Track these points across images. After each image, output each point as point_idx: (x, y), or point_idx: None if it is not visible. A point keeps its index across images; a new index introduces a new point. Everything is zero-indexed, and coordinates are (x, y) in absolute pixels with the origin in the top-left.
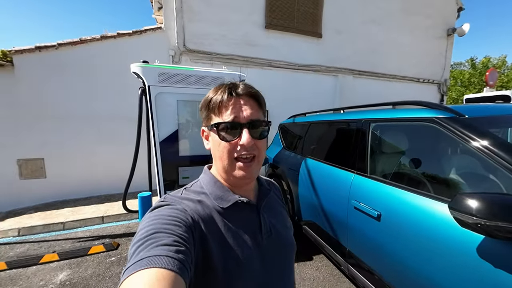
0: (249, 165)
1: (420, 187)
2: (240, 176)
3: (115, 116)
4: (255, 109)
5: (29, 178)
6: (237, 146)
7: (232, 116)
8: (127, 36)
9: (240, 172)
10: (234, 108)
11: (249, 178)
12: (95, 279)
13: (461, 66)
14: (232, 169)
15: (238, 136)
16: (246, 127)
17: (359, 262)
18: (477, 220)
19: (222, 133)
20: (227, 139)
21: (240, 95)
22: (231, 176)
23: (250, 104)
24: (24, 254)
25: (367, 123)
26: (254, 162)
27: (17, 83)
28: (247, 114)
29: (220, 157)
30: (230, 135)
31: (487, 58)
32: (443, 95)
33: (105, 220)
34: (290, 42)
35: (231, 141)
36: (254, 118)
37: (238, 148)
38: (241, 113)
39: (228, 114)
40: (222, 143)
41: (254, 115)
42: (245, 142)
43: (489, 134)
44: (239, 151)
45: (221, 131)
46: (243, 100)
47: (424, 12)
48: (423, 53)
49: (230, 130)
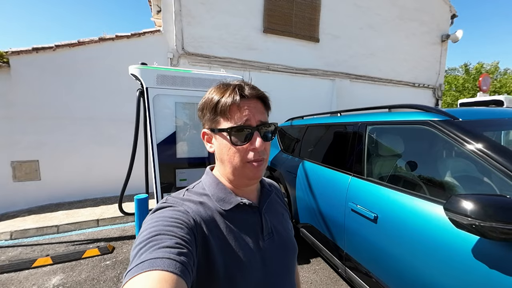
0: (260, 165)
1: (416, 189)
2: (252, 177)
3: (111, 118)
4: (263, 111)
5: (23, 180)
6: (249, 150)
7: (244, 120)
8: (125, 39)
9: (251, 174)
10: (245, 112)
11: (258, 178)
12: (89, 283)
13: (455, 71)
14: (243, 171)
15: (249, 140)
16: (257, 130)
17: (356, 265)
18: (472, 221)
19: (233, 137)
20: (238, 143)
21: (248, 98)
22: (241, 178)
23: (258, 106)
24: (16, 258)
25: (364, 126)
26: (264, 163)
27: (13, 84)
28: (257, 117)
29: (230, 161)
30: (241, 139)
31: (480, 64)
32: (438, 99)
33: (100, 223)
34: (288, 46)
35: (242, 145)
36: (264, 120)
37: (250, 151)
38: (252, 116)
39: (239, 118)
40: (232, 147)
41: (263, 118)
42: (257, 146)
43: (483, 137)
44: (251, 154)
45: (233, 136)
46: (252, 102)
47: (419, 19)
48: (418, 59)
49: (241, 134)
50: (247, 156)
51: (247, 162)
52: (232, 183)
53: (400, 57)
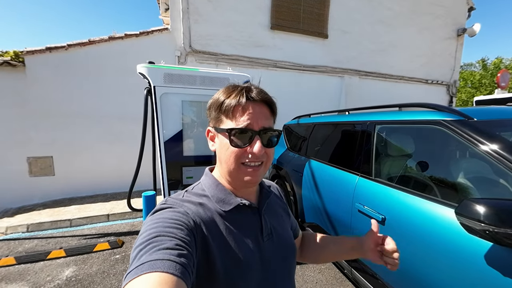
0: (256, 169)
1: (426, 191)
2: (247, 181)
3: (121, 116)
4: (268, 117)
5: (39, 175)
6: (247, 153)
7: (246, 123)
8: (134, 37)
9: (247, 177)
10: (248, 114)
11: (255, 183)
12: (100, 276)
13: (471, 67)
14: (238, 173)
15: (249, 144)
16: (258, 135)
17: (362, 266)
18: (485, 226)
19: (233, 138)
20: (237, 145)
21: (255, 101)
22: (237, 180)
23: (264, 111)
24: (32, 250)
25: (373, 125)
26: (262, 167)
27: (28, 83)
28: (261, 122)
29: (227, 161)
30: (241, 141)
31: (499, 59)
32: (452, 96)
33: (110, 218)
34: (295, 42)
35: (241, 148)
36: (267, 126)
37: (248, 155)
38: (255, 120)
39: (242, 119)
40: (231, 148)
41: (267, 123)
42: (256, 151)
43: (499, 138)
44: (248, 158)
45: (232, 136)
46: (258, 106)
47: (434, 12)
48: (431, 54)
49: (242, 136)
50: (244, 159)
51: (243, 165)
52: (231, 184)
53: (413, 53)
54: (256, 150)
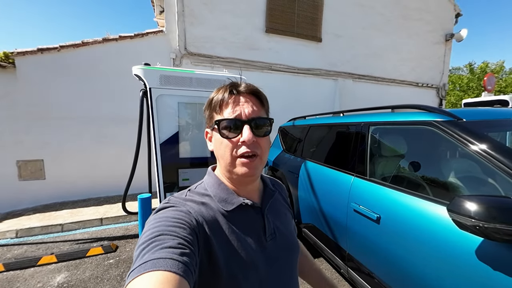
0: (251, 161)
1: (419, 189)
2: (243, 173)
3: (115, 118)
4: (257, 107)
5: (28, 179)
6: (239, 143)
7: (233, 114)
8: (128, 39)
9: (243, 169)
10: (235, 106)
11: (252, 176)
12: (93, 282)
13: (459, 71)
14: (234, 166)
15: (240, 134)
16: (247, 124)
17: (358, 265)
18: (476, 222)
19: (223, 131)
20: (228, 137)
21: (241, 93)
22: (234, 174)
23: (252, 101)
24: (22, 256)
25: (367, 126)
26: (257, 159)
27: (18, 84)
28: (248, 111)
29: (222, 156)
30: (231, 132)
31: (485, 63)
32: (442, 99)
33: (104, 222)
34: (290, 46)
35: (232, 138)
36: (256, 116)
37: (240, 145)
38: (243, 110)
39: (229, 111)
40: (224, 141)
41: (255, 113)
42: (246, 138)
43: (487, 138)
44: (240, 148)
45: (222, 129)
46: (245, 97)
47: (423, 18)
48: (422, 58)
49: (231, 127)
50: (238, 151)
51: (238, 157)
52: (232, 182)
53: (404, 57)
54: (246, 137)
